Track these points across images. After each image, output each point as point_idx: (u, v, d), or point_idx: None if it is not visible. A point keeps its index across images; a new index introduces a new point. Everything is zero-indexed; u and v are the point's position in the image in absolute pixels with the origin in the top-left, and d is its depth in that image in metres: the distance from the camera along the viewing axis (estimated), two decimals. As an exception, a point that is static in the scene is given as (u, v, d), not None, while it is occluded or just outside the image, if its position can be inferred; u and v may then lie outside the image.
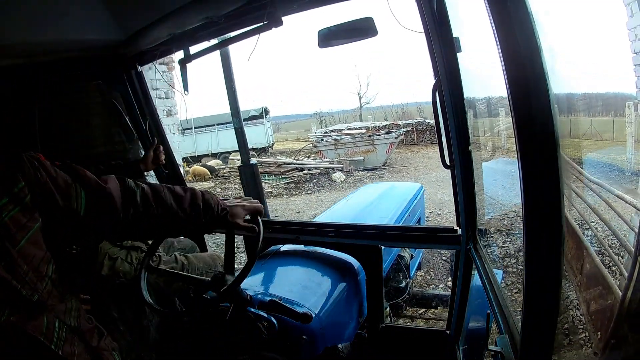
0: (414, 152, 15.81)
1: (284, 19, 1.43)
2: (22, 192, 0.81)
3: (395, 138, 13.73)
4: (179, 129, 2.98)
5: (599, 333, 1.91)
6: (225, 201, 1.21)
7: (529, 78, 0.60)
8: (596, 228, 2.94)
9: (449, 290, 1.79)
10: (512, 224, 5.05)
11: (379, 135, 13.57)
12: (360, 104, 28.19)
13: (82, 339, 0.91)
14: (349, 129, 15.55)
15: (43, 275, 0.85)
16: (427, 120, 18.02)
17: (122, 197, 0.99)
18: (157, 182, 2.25)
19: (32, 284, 0.81)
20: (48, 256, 0.87)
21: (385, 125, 16.21)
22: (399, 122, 17.55)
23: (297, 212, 7.62)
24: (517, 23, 0.61)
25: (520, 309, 0.81)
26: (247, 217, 1.24)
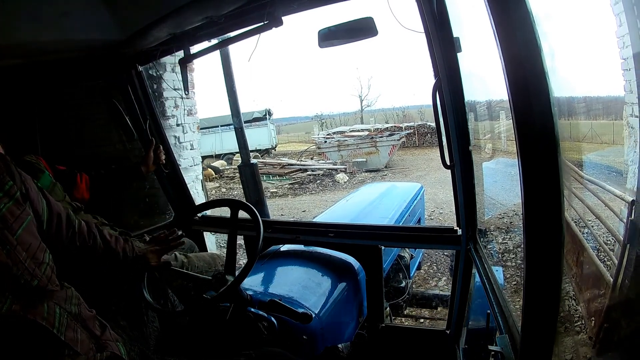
0: (416, 154, 15.91)
1: (284, 18, 1.43)
2: (12, 189, 0.91)
3: (398, 140, 13.83)
4: (198, 127, 3.15)
5: (593, 319, 1.94)
6: (141, 247, 1.34)
7: (529, 79, 0.60)
8: (592, 226, 2.97)
9: (449, 289, 1.80)
10: (511, 222, 5.18)
11: (381, 137, 13.67)
12: (362, 107, 28.26)
13: (85, 326, 0.94)
14: (351, 131, 15.65)
15: (41, 262, 0.90)
16: (428, 123, 18.16)
17: (67, 218, 1.13)
18: (161, 185, 2.25)
19: (31, 270, 0.86)
20: (43, 245, 0.93)
21: (388, 128, 16.27)
22: (401, 125, 17.63)
23: (303, 211, 7.83)
24: (517, 23, 0.61)
25: (520, 308, 0.81)
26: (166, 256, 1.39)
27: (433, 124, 17.78)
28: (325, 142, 14.52)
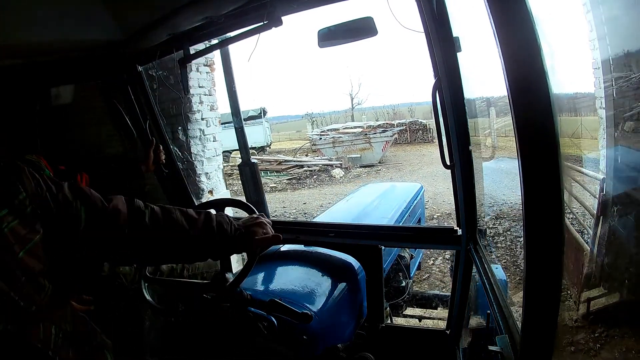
0: (408, 150, 16.32)
1: (283, 18, 1.43)
2: (23, 204, 0.79)
3: (391, 136, 14.18)
4: (220, 121, 3.50)
5: (576, 286, 2.04)
6: (239, 221, 1.09)
7: (529, 78, 0.60)
8: (577, 212, 3.10)
9: (449, 289, 1.80)
10: (500, 210, 5.69)
11: (374, 133, 13.98)
12: (352, 105, 28.50)
13: (76, 342, 0.91)
14: (345, 129, 15.93)
15: (41, 287, 0.83)
16: (419, 120, 18.68)
17: (129, 217, 0.96)
18: (161, 185, 2.25)
19: (29, 296, 0.80)
20: (47, 269, 0.85)
21: (380, 125, 16.51)
22: (393, 122, 17.85)
23: (304, 203, 8.25)
24: (517, 23, 0.61)
25: (520, 308, 0.81)
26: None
27: (424, 121, 18.59)
28: (320, 139, 14.82)
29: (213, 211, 1.11)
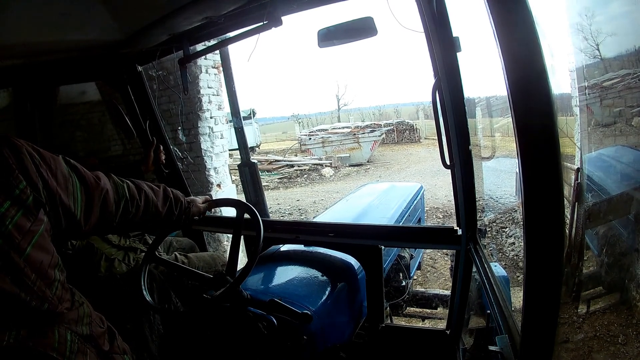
0: (395, 150, 16.55)
1: (283, 18, 1.43)
2: (24, 194, 0.73)
3: (379, 136, 14.40)
4: (227, 120, 3.66)
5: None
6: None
7: (529, 78, 0.60)
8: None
9: (449, 289, 1.80)
10: (486, 204, 5.82)
11: (363, 133, 14.21)
12: (339, 106, 28.73)
13: (95, 345, 0.87)
14: (333, 129, 16.15)
15: (52, 280, 0.79)
16: (406, 120, 19.06)
17: (115, 191, 1.01)
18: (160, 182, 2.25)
19: (40, 293, 0.75)
20: (55, 259, 0.80)
21: (368, 125, 16.64)
22: (380, 123, 17.96)
23: (297, 200, 8.33)
24: (517, 23, 0.61)
25: (520, 308, 0.81)
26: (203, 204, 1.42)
27: (411, 121, 18.64)
28: (310, 139, 15.00)
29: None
